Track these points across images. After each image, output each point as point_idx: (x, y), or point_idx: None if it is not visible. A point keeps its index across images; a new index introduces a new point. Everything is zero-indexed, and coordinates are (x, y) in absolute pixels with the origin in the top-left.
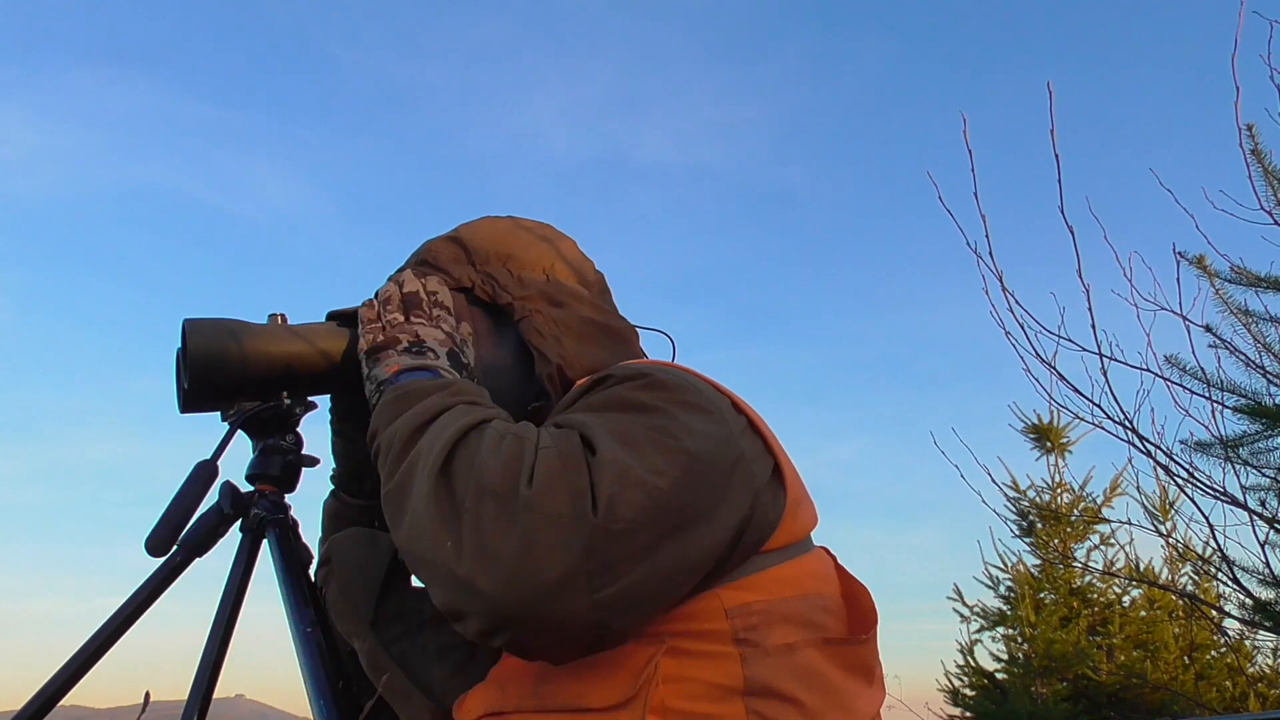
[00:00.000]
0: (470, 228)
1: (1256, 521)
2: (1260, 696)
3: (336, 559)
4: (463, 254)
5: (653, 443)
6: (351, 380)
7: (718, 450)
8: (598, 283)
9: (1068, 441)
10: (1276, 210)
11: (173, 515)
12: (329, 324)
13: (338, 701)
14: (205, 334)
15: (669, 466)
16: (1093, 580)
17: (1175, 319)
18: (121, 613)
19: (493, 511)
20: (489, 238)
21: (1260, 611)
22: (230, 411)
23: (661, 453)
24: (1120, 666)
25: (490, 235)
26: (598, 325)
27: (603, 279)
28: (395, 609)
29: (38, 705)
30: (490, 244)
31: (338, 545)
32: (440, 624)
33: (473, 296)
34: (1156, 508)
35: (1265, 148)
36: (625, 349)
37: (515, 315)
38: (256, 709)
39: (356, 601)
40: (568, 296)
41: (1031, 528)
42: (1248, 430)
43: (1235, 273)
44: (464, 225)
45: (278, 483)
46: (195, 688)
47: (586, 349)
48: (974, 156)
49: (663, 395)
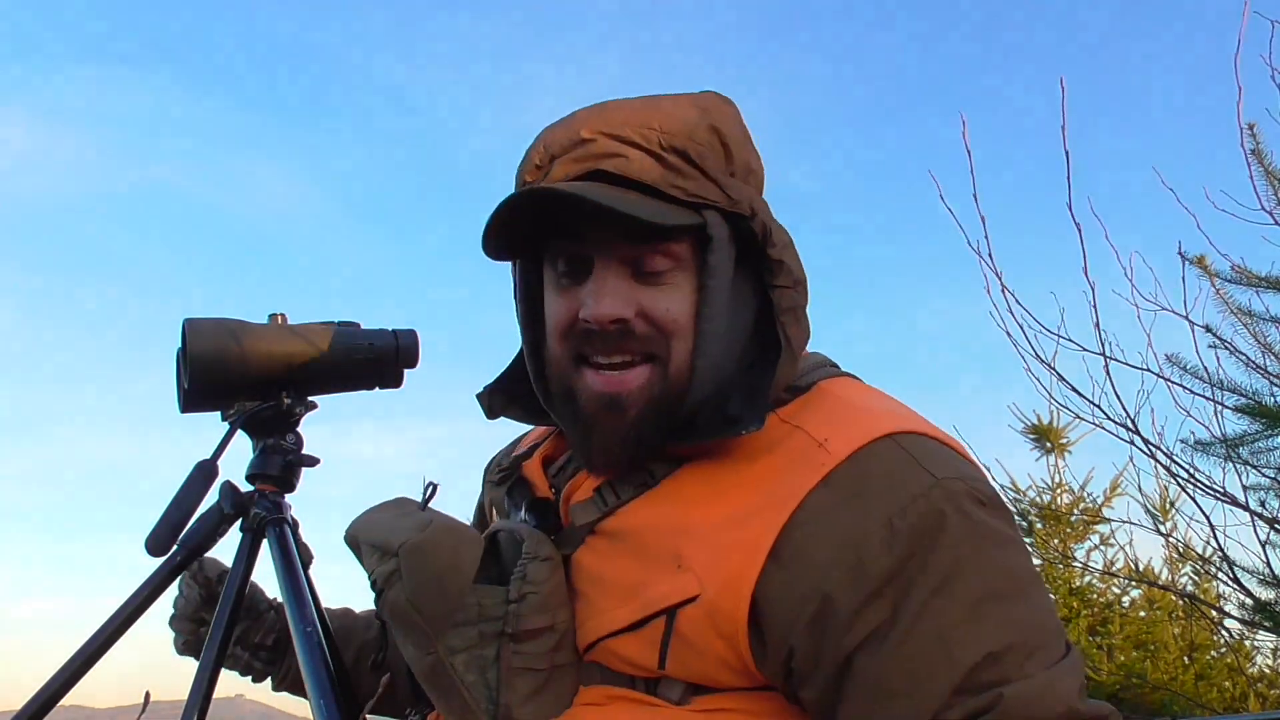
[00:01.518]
0: (720, 110)
1: (1256, 521)
2: (1260, 696)
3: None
4: (725, 159)
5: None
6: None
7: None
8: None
9: (1068, 442)
10: (1277, 210)
11: (173, 515)
12: (329, 324)
13: (338, 701)
14: (205, 334)
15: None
16: (1092, 580)
17: (1176, 319)
18: (121, 613)
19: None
20: (741, 138)
21: (1260, 611)
22: (230, 411)
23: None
24: (1120, 666)
25: (741, 135)
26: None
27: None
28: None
29: (38, 705)
30: (744, 149)
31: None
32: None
33: (745, 229)
34: (1156, 508)
35: (1266, 148)
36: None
37: (776, 279)
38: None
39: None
40: (798, 261)
41: (1031, 528)
42: (1248, 430)
43: (1236, 273)
44: (705, 98)
45: (278, 482)
46: (195, 688)
47: (806, 343)
48: (973, 157)
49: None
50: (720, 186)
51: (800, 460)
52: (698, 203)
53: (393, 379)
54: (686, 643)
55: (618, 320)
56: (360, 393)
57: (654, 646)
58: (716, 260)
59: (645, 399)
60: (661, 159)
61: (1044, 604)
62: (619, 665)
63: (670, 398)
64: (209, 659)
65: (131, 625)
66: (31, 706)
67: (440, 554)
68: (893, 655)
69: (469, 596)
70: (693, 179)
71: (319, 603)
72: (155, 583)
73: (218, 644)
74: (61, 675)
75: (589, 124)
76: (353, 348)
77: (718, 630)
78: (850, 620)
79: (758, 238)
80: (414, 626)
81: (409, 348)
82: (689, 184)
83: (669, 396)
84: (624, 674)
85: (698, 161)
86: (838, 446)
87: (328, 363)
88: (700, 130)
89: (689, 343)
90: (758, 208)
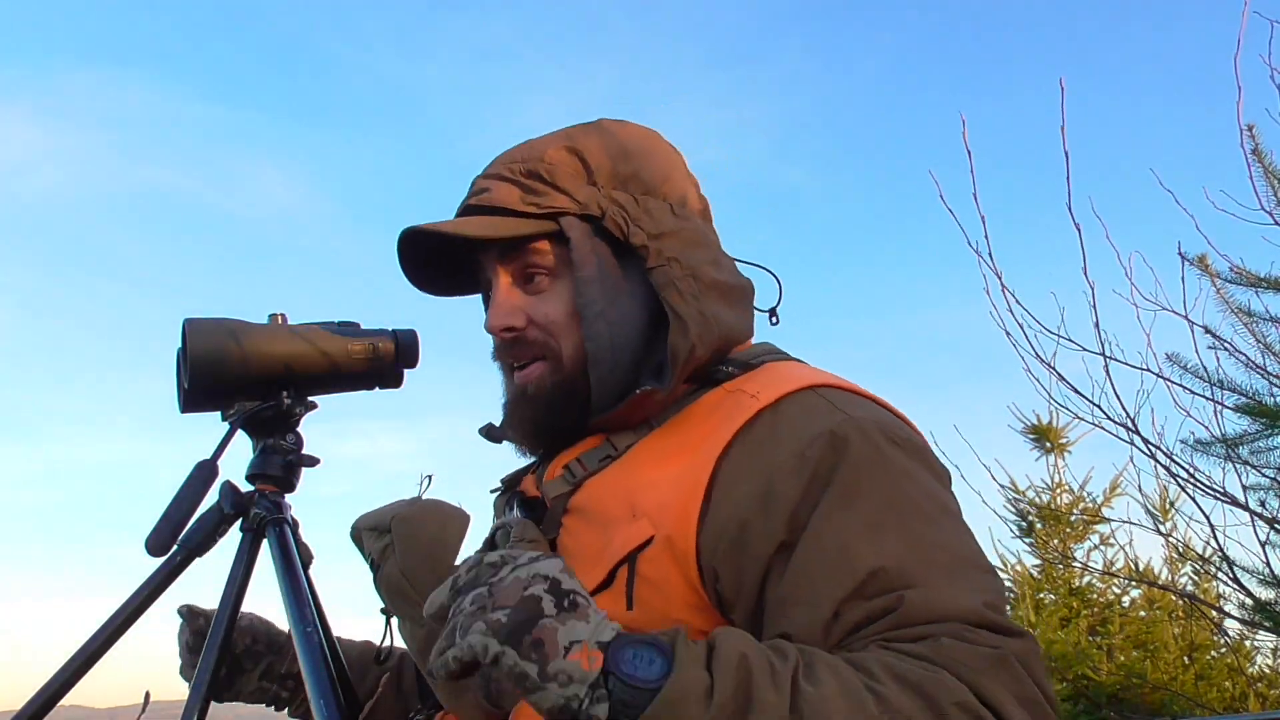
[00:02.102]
0: (585, 137)
1: (1256, 521)
2: (1260, 696)
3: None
4: (582, 170)
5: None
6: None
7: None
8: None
9: (1067, 442)
10: (1277, 210)
11: (173, 515)
12: (329, 324)
13: (338, 701)
14: (205, 334)
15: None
16: (1092, 580)
17: (1176, 319)
18: (121, 613)
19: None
20: (609, 152)
21: (1260, 611)
22: (230, 411)
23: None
24: (1120, 667)
25: (609, 149)
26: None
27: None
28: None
29: (38, 705)
30: (614, 159)
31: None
32: None
33: (599, 227)
34: (1156, 508)
35: (1266, 148)
36: (749, 314)
37: (648, 262)
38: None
39: (418, 582)
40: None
41: (1031, 528)
42: (1248, 430)
43: (1236, 272)
44: (576, 131)
45: (278, 482)
46: (195, 688)
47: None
48: (973, 157)
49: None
50: (570, 195)
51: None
52: (552, 212)
53: (393, 379)
54: (649, 583)
55: (508, 329)
56: (360, 393)
57: (621, 595)
58: (578, 256)
59: (545, 387)
60: (519, 183)
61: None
62: None
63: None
64: (209, 659)
65: (131, 625)
66: (31, 706)
67: (428, 524)
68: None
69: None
70: (545, 194)
71: (319, 603)
72: (155, 583)
73: (218, 644)
74: (61, 675)
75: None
76: (353, 348)
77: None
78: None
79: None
80: (407, 598)
81: (409, 348)
82: (541, 199)
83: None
84: None
85: (548, 178)
86: (765, 396)
87: (328, 363)
88: (554, 153)
89: (576, 334)
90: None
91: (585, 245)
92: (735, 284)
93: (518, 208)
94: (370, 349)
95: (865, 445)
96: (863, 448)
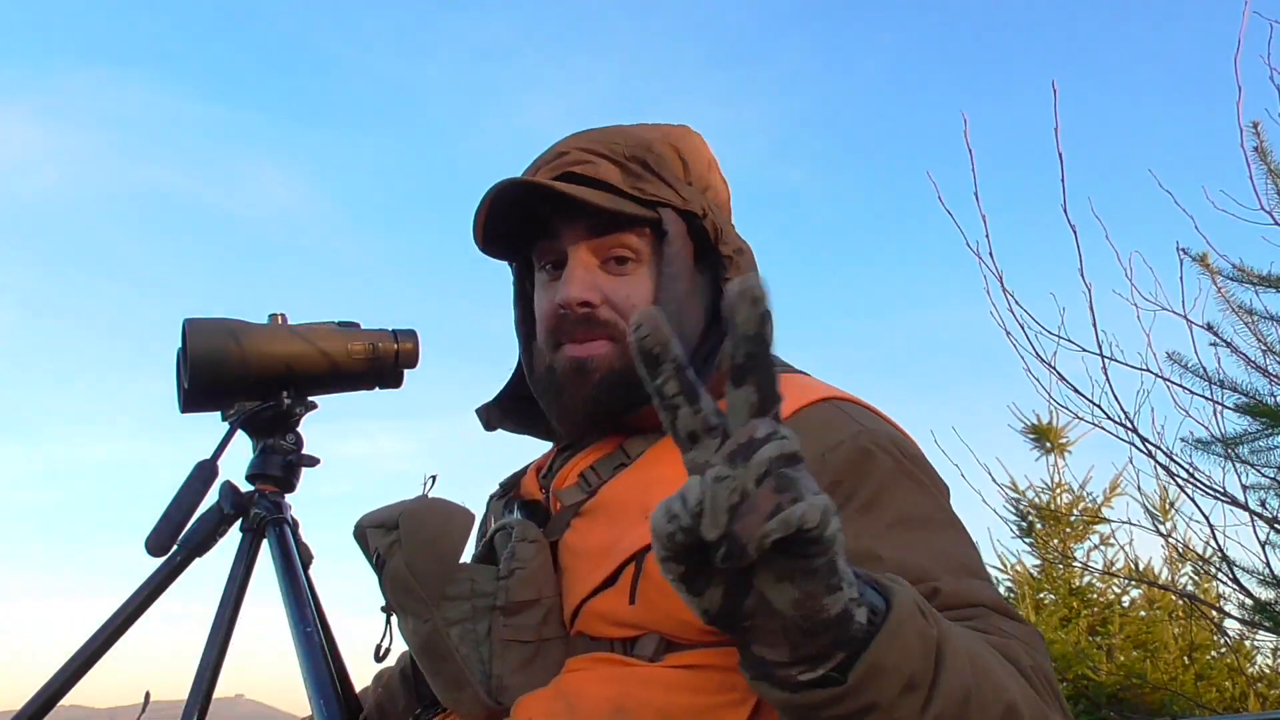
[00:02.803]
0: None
1: (1256, 521)
2: (1260, 696)
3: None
4: (683, 169)
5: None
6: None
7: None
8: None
9: (1067, 441)
10: (1278, 210)
11: (173, 515)
12: (329, 324)
13: (338, 701)
14: (205, 334)
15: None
16: (1092, 580)
17: (1175, 319)
18: (121, 613)
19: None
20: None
21: (1260, 611)
22: (230, 411)
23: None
24: (1120, 667)
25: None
26: None
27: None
28: (465, 589)
29: (38, 705)
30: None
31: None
32: (510, 613)
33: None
34: (1156, 508)
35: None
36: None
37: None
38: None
39: (424, 577)
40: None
41: (1031, 528)
42: (1248, 429)
43: (1238, 271)
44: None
45: (278, 482)
46: (195, 688)
47: None
48: (974, 156)
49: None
50: (675, 189)
51: None
52: (654, 201)
53: (393, 379)
54: (653, 581)
55: (584, 303)
56: (360, 393)
57: (625, 592)
58: (672, 250)
59: (607, 367)
60: (624, 166)
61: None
62: (599, 629)
63: (630, 372)
64: (209, 659)
65: (131, 625)
66: (31, 706)
67: (434, 519)
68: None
69: (463, 574)
70: (650, 182)
71: (319, 603)
72: (155, 583)
73: (218, 644)
74: (61, 675)
75: (568, 142)
76: (353, 348)
77: None
78: None
79: (709, 235)
80: (411, 593)
81: (409, 348)
82: (646, 186)
83: (629, 371)
84: (604, 639)
85: (655, 168)
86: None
87: (328, 363)
88: (659, 145)
89: None
90: (709, 211)
91: (679, 241)
92: None
93: (624, 188)
94: (370, 349)
95: (884, 458)
96: (882, 460)
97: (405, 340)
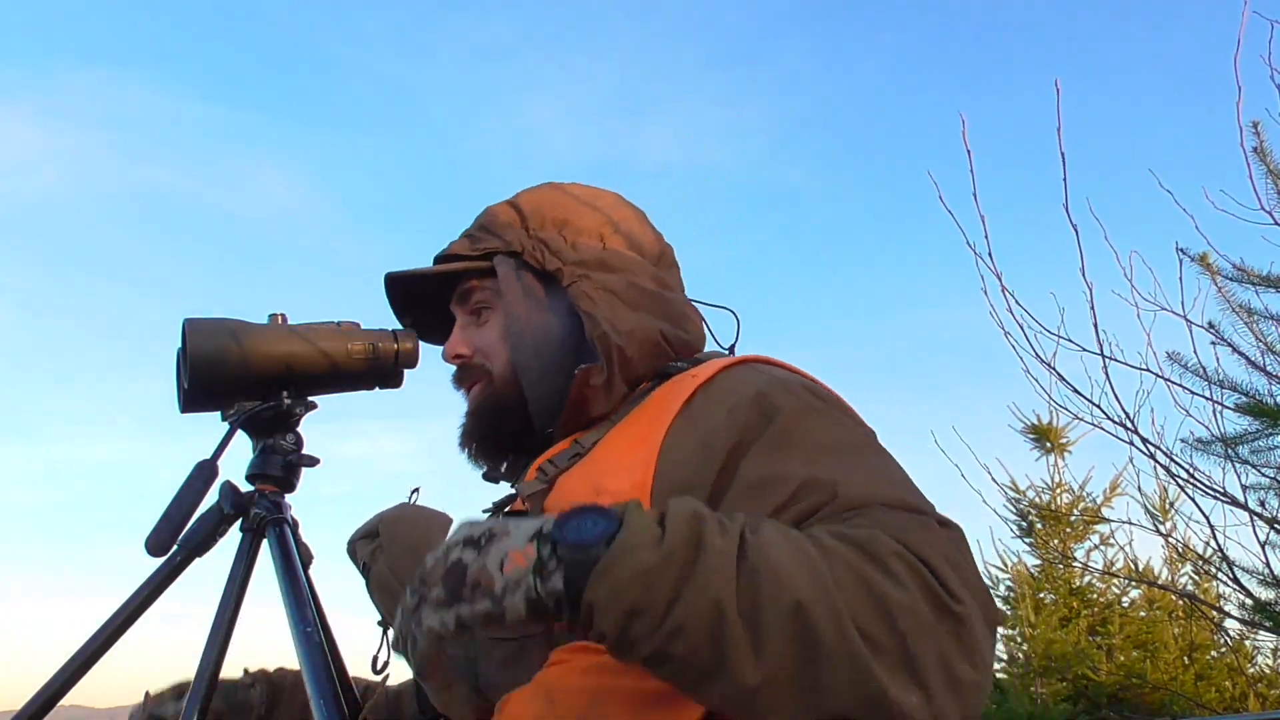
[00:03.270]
0: (530, 193)
1: (1256, 521)
2: (1260, 696)
3: (387, 534)
4: (518, 218)
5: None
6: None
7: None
8: (662, 255)
9: (1067, 442)
10: (1278, 210)
11: (173, 515)
12: (329, 324)
13: (338, 701)
14: (205, 334)
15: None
16: (1092, 580)
17: (1175, 319)
18: (121, 613)
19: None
20: (545, 203)
21: (1260, 611)
22: (230, 411)
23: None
24: (1120, 666)
25: (546, 201)
26: (648, 293)
27: (670, 252)
28: None
29: (38, 705)
30: (546, 209)
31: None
32: None
33: (522, 261)
34: (1156, 508)
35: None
36: (682, 321)
37: (564, 280)
38: None
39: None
40: (620, 263)
41: (1031, 528)
42: (1248, 429)
43: (1238, 271)
44: (525, 191)
45: (278, 482)
46: (195, 688)
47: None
48: (973, 157)
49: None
50: (500, 238)
51: (678, 391)
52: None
53: (393, 379)
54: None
55: (457, 355)
56: (360, 393)
57: None
58: (505, 287)
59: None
60: (469, 235)
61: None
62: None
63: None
64: (209, 659)
65: (131, 625)
66: (31, 706)
67: (414, 522)
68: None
69: None
70: (483, 239)
71: (319, 603)
72: (155, 583)
73: (218, 644)
74: (61, 675)
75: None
76: (352, 347)
77: None
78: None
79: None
80: (394, 594)
81: (409, 348)
82: (479, 243)
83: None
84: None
85: (489, 228)
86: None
87: (328, 363)
88: (498, 208)
89: (506, 354)
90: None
91: (510, 276)
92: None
93: (465, 253)
94: (370, 349)
95: (790, 398)
96: (788, 400)
97: (405, 340)
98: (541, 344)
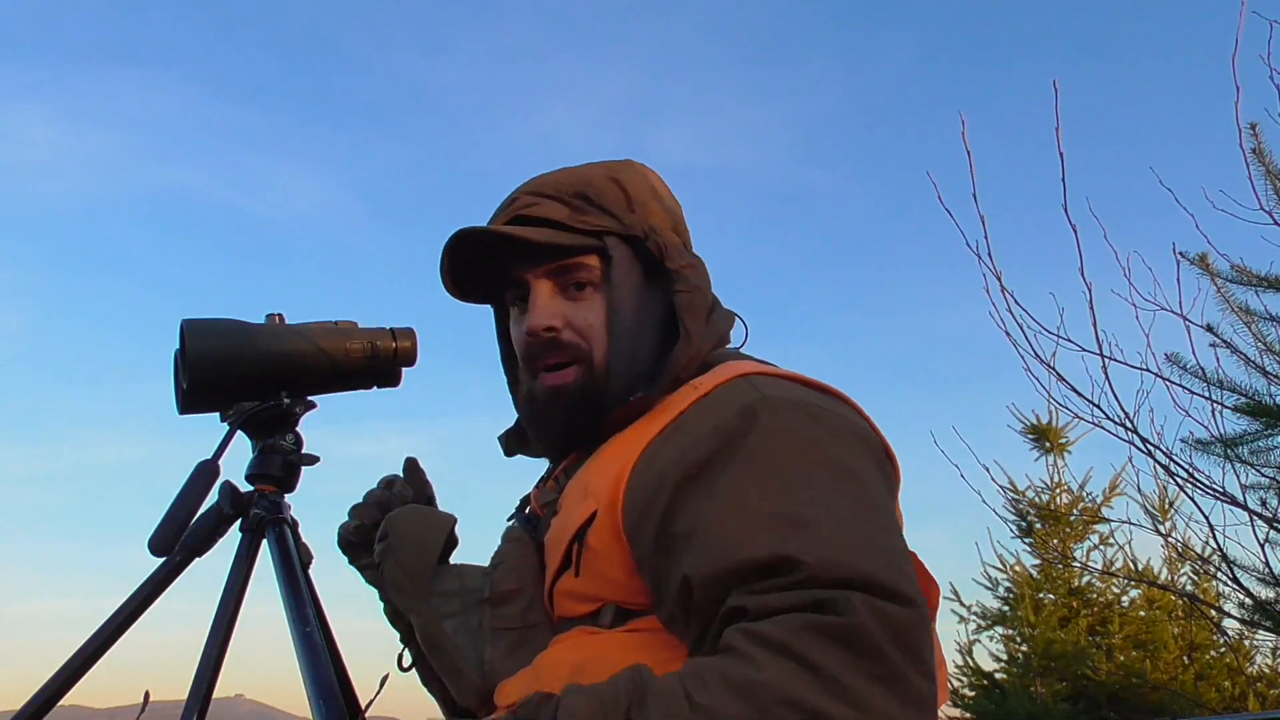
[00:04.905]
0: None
1: (1256, 521)
2: (1260, 696)
3: (394, 534)
4: (623, 199)
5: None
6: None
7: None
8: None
9: (1067, 441)
10: (1277, 210)
11: (176, 515)
12: (327, 323)
13: (337, 701)
14: (203, 334)
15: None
16: (1092, 580)
17: (1174, 319)
18: (121, 613)
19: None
20: (644, 188)
21: (1260, 611)
22: (230, 412)
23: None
24: (1120, 666)
25: (644, 186)
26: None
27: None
28: (454, 586)
29: (38, 705)
30: (647, 196)
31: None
32: (496, 604)
33: (641, 248)
34: (1156, 508)
35: (1267, 147)
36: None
37: (675, 284)
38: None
39: (415, 575)
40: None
41: (1030, 528)
42: (1247, 429)
43: (1237, 271)
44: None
45: (278, 482)
46: (195, 688)
47: (709, 331)
48: (973, 158)
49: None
50: (616, 218)
51: (679, 400)
52: (598, 230)
53: (391, 378)
54: (594, 552)
55: (548, 328)
56: (359, 392)
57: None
58: (618, 275)
59: (578, 389)
60: (568, 203)
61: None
62: (568, 608)
63: (597, 387)
64: (209, 659)
65: (131, 625)
66: (31, 706)
67: (418, 520)
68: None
69: (452, 572)
70: (592, 214)
71: (319, 603)
72: (155, 583)
73: (218, 644)
74: (61, 675)
75: (519, 189)
76: (351, 347)
77: (612, 534)
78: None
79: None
80: (405, 590)
81: (407, 346)
82: (589, 218)
83: (596, 386)
84: (573, 617)
85: (596, 201)
86: (704, 386)
87: (326, 362)
88: (599, 180)
89: (606, 342)
90: (651, 233)
91: (625, 264)
92: (727, 314)
93: (568, 223)
94: (368, 348)
95: (772, 417)
96: (769, 419)
97: (403, 339)
98: (638, 347)
